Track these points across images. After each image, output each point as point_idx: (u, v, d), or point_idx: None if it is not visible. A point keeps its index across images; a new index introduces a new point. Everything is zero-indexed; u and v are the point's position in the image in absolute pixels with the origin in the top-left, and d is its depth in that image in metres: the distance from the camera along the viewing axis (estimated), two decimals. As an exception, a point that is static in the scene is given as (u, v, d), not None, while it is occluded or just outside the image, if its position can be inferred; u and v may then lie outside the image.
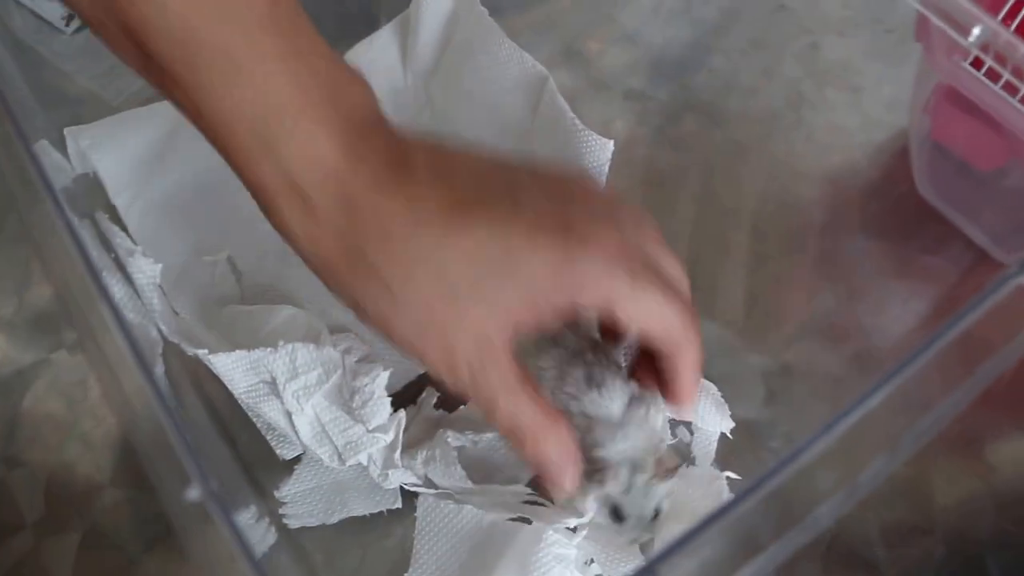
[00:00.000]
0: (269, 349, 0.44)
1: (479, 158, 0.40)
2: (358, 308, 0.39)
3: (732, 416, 0.47)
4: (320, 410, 0.44)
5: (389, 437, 0.44)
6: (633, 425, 0.41)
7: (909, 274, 0.52)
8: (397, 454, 0.44)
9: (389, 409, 0.44)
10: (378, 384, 0.44)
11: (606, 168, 0.51)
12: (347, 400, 0.44)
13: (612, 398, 0.41)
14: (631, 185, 0.53)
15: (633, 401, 0.41)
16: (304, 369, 0.44)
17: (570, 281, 0.38)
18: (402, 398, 0.47)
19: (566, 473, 0.40)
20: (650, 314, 0.39)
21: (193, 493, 0.26)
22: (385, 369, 0.44)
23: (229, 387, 0.45)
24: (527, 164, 0.41)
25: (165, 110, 0.51)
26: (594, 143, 0.51)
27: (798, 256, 0.53)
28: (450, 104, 0.55)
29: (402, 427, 0.44)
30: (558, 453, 0.40)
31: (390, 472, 0.44)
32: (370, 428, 0.44)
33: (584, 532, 0.43)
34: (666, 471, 0.41)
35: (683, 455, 0.47)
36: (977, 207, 0.53)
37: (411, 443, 0.46)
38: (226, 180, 0.51)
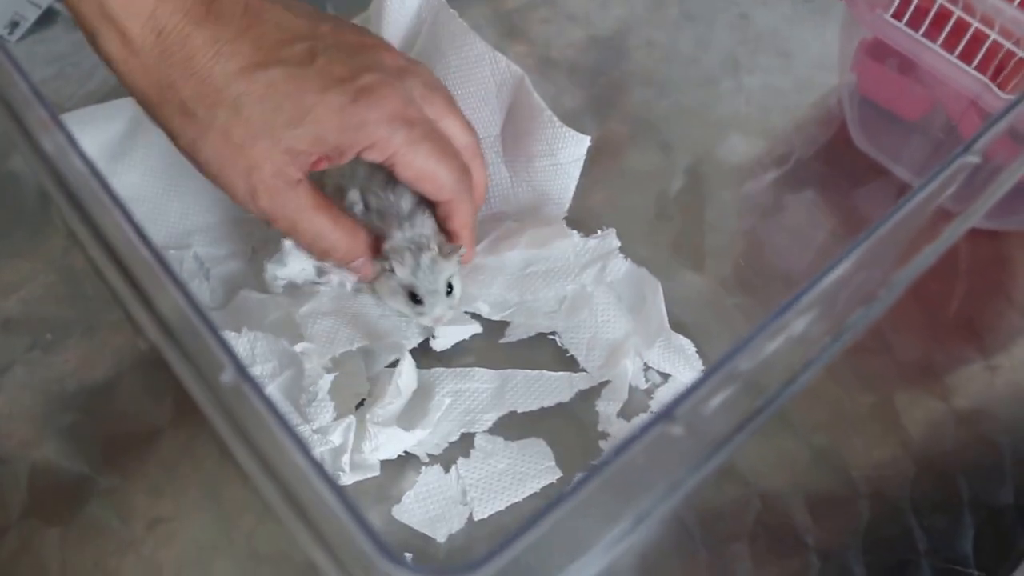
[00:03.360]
0: (232, 332, 0.43)
1: (288, 7, 0.43)
2: (171, 136, 0.42)
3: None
4: (275, 401, 0.43)
5: (337, 440, 0.43)
6: (416, 217, 0.45)
7: (854, 221, 0.54)
8: (346, 458, 0.43)
9: (332, 413, 0.43)
10: (321, 386, 0.43)
11: (581, 162, 0.51)
12: (296, 398, 0.43)
13: (401, 197, 0.45)
14: (586, 156, 0.53)
15: (419, 202, 0.46)
16: (262, 358, 0.44)
17: (352, 129, 0.41)
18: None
19: (366, 264, 0.45)
20: (423, 172, 0.43)
21: (227, 376, 0.25)
22: (329, 373, 0.44)
23: None
24: (335, 19, 0.44)
25: (124, 107, 0.51)
26: (570, 138, 0.51)
27: (752, 210, 0.54)
28: None
29: (352, 432, 0.43)
30: (355, 251, 0.45)
31: (339, 474, 0.43)
32: (314, 428, 0.43)
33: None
34: (449, 251, 0.45)
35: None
36: (910, 154, 0.54)
37: None
38: (190, 177, 0.50)
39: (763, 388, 0.30)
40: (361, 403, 0.46)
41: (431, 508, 0.44)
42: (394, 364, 0.46)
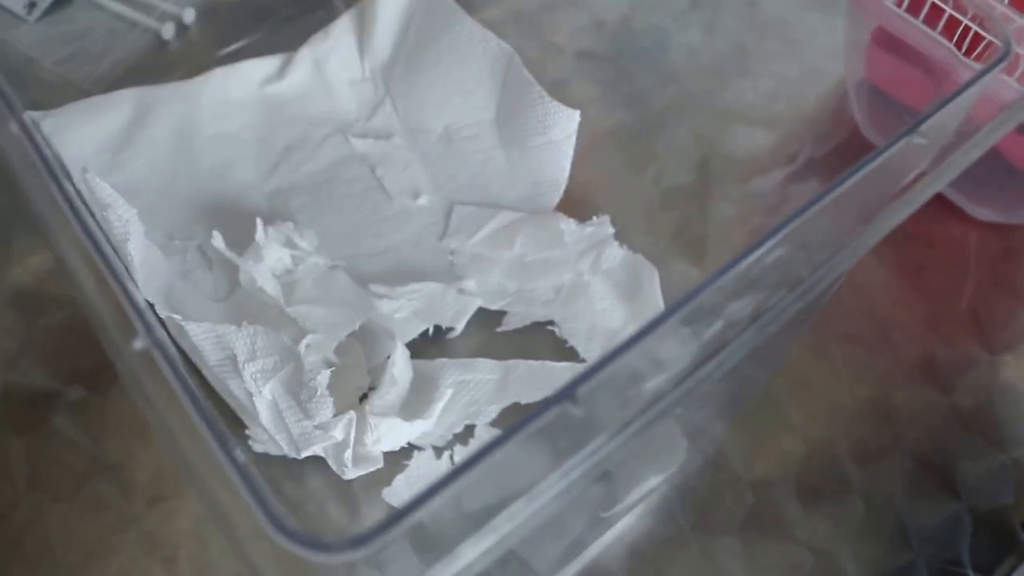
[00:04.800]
0: (232, 327, 0.42)
1: None
2: None
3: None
4: (278, 396, 0.42)
5: (339, 436, 0.42)
6: None
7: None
8: (348, 453, 0.42)
9: (331, 408, 0.42)
10: (320, 381, 0.42)
11: (573, 138, 0.50)
12: (297, 393, 0.43)
13: None
14: (591, 143, 0.52)
15: None
16: (262, 353, 0.43)
17: None
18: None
19: None
20: None
21: (139, 343, 0.25)
22: (329, 367, 0.43)
23: (202, 358, 0.43)
24: None
25: (130, 96, 0.51)
26: (561, 114, 0.50)
27: (754, 201, 0.53)
28: (412, 92, 0.53)
29: (352, 427, 0.42)
30: None
31: (344, 469, 0.42)
32: (315, 424, 0.42)
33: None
34: None
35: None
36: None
37: None
38: (195, 167, 0.50)
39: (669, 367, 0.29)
40: (364, 396, 0.45)
41: None
42: None
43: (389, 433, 0.43)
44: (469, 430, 0.44)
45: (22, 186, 0.33)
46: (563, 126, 0.49)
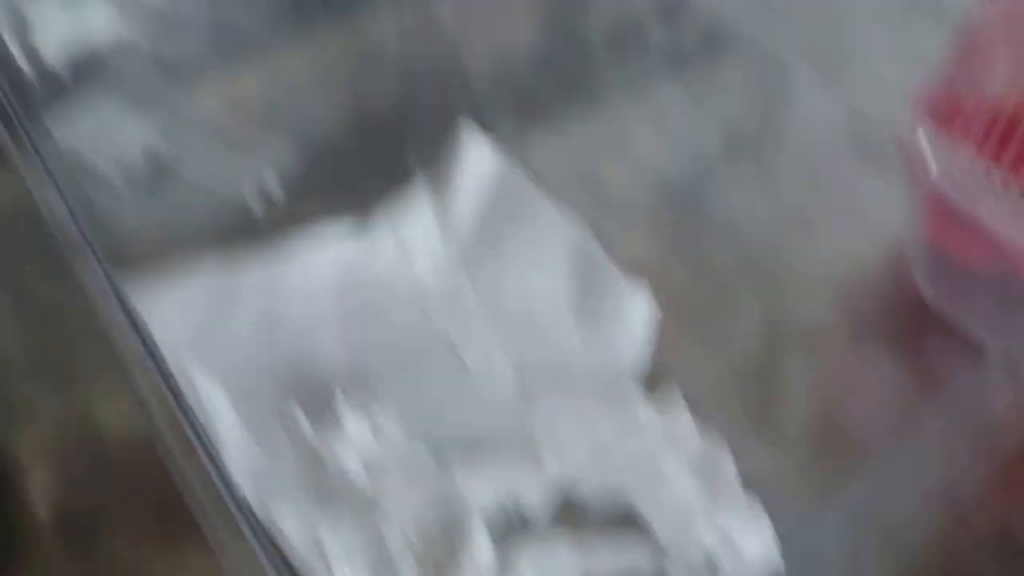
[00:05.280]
0: (316, 508, 0.43)
1: None
2: None
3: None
4: None
5: None
6: None
7: (929, 383, 0.52)
8: None
9: None
10: (401, 563, 0.43)
11: (651, 325, 0.51)
12: (380, 574, 0.43)
13: None
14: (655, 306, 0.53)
15: None
16: (346, 534, 0.43)
17: None
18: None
19: None
20: None
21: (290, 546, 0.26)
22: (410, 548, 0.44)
23: (286, 538, 0.43)
24: None
25: (217, 276, 0.52)
26: (637, 300, 0.51)
27: (824, 370, 0.53)
28: (490, 273, 0.54)
29: None
30: None
31: None
32: None
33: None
34: None
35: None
36: (986, 312, 0.53)
37: None
38: (277, 346, 0.51)
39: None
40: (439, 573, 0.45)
41: None
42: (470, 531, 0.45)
43: None
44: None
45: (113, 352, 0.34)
46: (640, 311, 0.51)
